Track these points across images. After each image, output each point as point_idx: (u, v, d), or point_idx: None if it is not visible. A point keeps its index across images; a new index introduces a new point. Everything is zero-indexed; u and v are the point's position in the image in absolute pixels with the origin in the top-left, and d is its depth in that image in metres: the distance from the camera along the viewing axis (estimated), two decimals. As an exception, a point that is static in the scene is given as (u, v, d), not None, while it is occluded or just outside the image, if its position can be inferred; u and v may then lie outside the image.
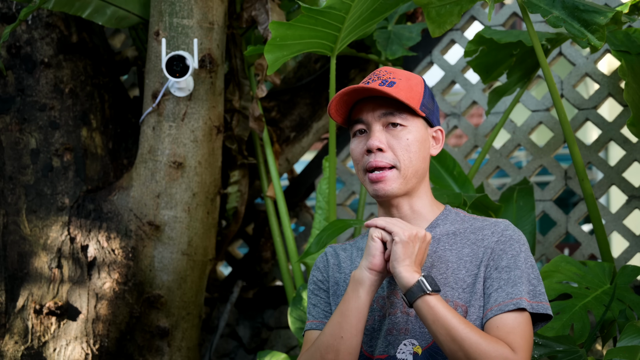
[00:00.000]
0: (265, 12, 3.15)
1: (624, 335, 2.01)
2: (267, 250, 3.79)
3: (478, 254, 1.80)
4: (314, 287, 1.96)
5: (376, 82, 1.82)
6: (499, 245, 1.80)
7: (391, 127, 1.83)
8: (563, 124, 2.66)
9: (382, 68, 1.89)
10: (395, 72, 1.85)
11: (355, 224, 2.63)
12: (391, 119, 1.82)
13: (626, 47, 2.82)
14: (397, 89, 1.80)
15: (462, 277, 1.79)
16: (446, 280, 1.79)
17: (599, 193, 3.32)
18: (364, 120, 1.85)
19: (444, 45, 3.68)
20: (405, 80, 1.84)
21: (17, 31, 3.09)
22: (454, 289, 1.79)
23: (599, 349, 3.01)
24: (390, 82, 1.82)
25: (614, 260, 3.05)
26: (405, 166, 1.82)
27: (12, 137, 3.05)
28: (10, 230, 2.99)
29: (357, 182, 3.71)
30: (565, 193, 7.63)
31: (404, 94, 1.81)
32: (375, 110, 1.83)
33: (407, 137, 1.82)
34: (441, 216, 1.88)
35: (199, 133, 3.01)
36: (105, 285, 2.92)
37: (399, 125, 1.82)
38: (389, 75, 1.84)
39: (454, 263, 1.81)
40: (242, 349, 3.78)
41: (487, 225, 1.85)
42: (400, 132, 1.82)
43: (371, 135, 1.82)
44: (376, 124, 1.83)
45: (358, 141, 1.86)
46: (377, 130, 1.82)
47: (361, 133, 1.86)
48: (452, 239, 1.84)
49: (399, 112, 1.82)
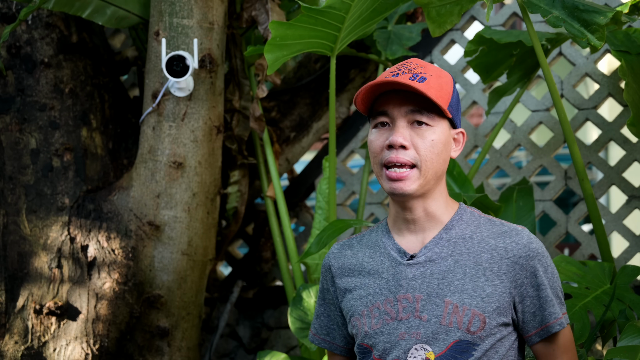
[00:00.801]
0: (265, 12, 3.15)
1: (624, 335, 2.01)
2: (267, 250, 3.79)
3: (502, 266, 1.75)
4: (320, 295, 1.94)
5: (406, 75, 1.74)
6: (528, 262, 1.76)
7: (416, 124, 1.75)
8: (563, 124, 2.66)
9: (413, 60, 1.80)
10: (426, 67, 1.78)
11: (355, 224, 2.63)
12: (418, 117, 1.75)
13: (626, 47, 2.82)
14: (427, 86, 1.73)
15: (480, 285, 1.74)
16: (464, 287, 1.74)
17: (599, 193, 3.32)
18: (389, 114, 1.76)
19: (444, 45, 3.68)
20: (435, 77, 1.77)
21: (17, 31, 3.09)
22: (473, 297, 1.73)
23: (599, 349, 3.01)
24: (421, 77, 1.74)
25: (614, 260, 3.05)
26: (427, 167, 1.75)
27: (12, 137, 3.05)
28: (10, 230, 2.99)
29: (357, 182, 3.71)
30: (565, 193, 7.62)
31: (434, 92, 1.73)
32: (403, 105, 1.75)
33: (432, 138, 1.75)
34: (456, 216, 1.82)
35: (199, 133, 3.01)
36: (105, 285, 2.92)
37: (424, 124, 1.75)
38: (420, 70, 1.77)
39: (471, 269, 1.76)
40: (242, 349, 3.78)
41: (507, 233, 1.79)
42: (426, 131, 1.75)
43: (395, 131, 1.74)
44: (401, 120, 1.75)
45: (379, 134, 1.78)
46: (402, 127, 1.75)
47: (383, 125, 1.78)
48: (469, 242, 1.79)
49: (427, 111, 1.75)
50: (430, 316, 1.73)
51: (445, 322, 1.73)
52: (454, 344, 1.72)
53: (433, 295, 1.75)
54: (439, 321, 1.73)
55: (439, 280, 1.76)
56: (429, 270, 1.77)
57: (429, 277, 1.76)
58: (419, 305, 1.75)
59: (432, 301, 1.75)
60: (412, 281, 1.77)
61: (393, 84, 1.74)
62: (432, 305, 1.74)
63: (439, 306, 1.74)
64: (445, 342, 1.72)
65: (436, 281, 1.76)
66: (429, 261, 1.78)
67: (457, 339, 1.72)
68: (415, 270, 1.78)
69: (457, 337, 1.72)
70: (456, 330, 1.72)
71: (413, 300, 1.76)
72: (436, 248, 1.79)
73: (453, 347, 1.72)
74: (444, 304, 1.73)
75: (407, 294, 1.77)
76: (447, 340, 1.72)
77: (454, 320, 1.73)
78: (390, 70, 1.78)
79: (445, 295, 1.74)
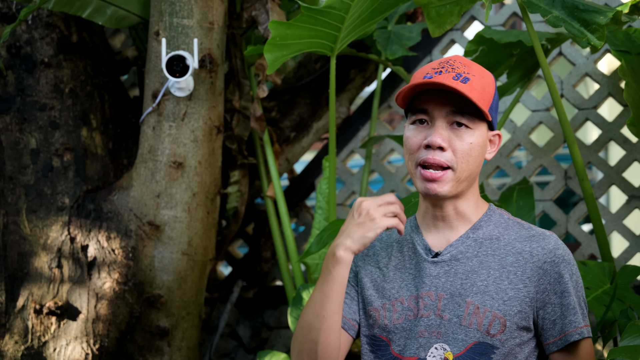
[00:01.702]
0: (265, 12, 3.15)
1: (625, 335, 2.01)
2: (267, 250, 3.79)
3: (526, 270, 1.74)
4: None
5: (450, 74, 1.72)
6: (553, 268, 1.75)
7: (455, 125, 1.73)
8: (563, 124, 2.66)
9: (456, 57, 1.77)
10: (470, 66, 1.76)
11: (355, 224, 2.62)
12: (458, 119, 1.73)
13: (626, 47, 2.82)
14: (470, 87, 1.71)
15: (503, 288, 1.73)
16: (486, 288, 1.73)
17: (599, 193, 3.32)
18: (429, 112, 1.74)
19: (444, 45, 3.67)
20: (479, 77, 1.74)
21: (17, 31, 3.09)
22: (495, 299, 1.72)
23: (599, 349, 3.01)
24: (465, 77, 1.72)
25: (614, 260, 3.05)
26: (462, 169, 1.74)
27: (12, 137, 3.05)
28: (10, 230, 2.99)
29: (357, 182, 3.71)
30: (565, 193, 7.62)
31: (477, 94, 1.71)
32: (444, 105, 1.73)
33: (470, 141, 1.73)
34: (484, 217, 1.81)
35: (199, 133, 3.01)
36: (105, 285, 2.92)
37: (464, 126, 1.73)
38: (463, 69, 1.74)
39: (496, 271, 1.75)
40: (242, 349, 3.78)
41: (535, 237, 1.78)
42: (465, 133, 1.73)
43: (434, 131, 1.72)
44: (441, 120, 1.73)
45: (417, 131, 1.76)
46: (442, 127, 1.73)
47: (421, 123, 1.76)
48: (495, 244, 1.78)
49: (468, 113, 1.73)
50: (452, 316, 1.72)
51: (466, 322, 1.72)
52: (472, 346, 1.71)
53: (455, 295, 1.74)
54: (460, 321, 1.72)
55: (462, 280, 1.75)
56: (453, 269, 1.76)
57: (452, 276, 1.76)
58: (441, 304, 1.74)
59: (454, 300, 1.73)
60: (435, 279, 1.76)
61: (436, 84, 1.71)
62: (454, 305, 1.73)
63: (460, 306, 1.72)
64: (465, 342, 1.71)
65: (459, 281, 1.75)
66: (454, 260, 1.77)
67: (476, 340, 1.71)
68: (439, 268, 1.77)
69: (476, 338, 1.71)
70: (476, 332, 1.71)
71: (435, 299, 1.75)
72: (462, 247, 1.78)
73: (472, 349, 1.71)
74: (465, 304, 1.72)
75: (429, 291, 1.76)
76: (466, 341, 1.71)
77: (474, 321, 1.72)
78: (433, 67, 1.76)
79: (467, 296, 1.73)
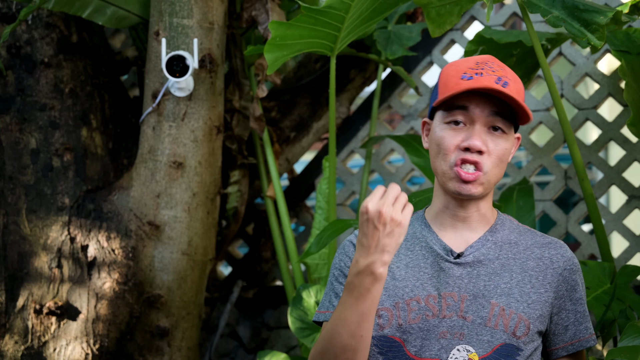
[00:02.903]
0: (265, 12, 3.15)
1: (624, 335, 2.01)
2: (267, 250, 3.79)
3: (547, 275, 1.77)
4: (338, 273, 1.82)
5: (492, 77, 1.70)
6: (571, 275, 1.79)
7: (492, 129, 1.73)
8: (563, 124, 2.66)
9: (491, 58, 1.76)
10: (504, 69, 1.74)
11: (355, 224, 2.63)
12: (496, 123, 1.72)
13: (626, 47, 2.82)
14: (509, 91, 1.69)
15: (527, 292, 1.74)
16: (510, 291, 1.74)
17: (599, 193, 3.32)
18: (470, 114, 1.72)
19: (444, 45, 3.67)
20: (514, 81, 1.73)
21: (17, 31, 3.09)
22: (519, 302, 1.73)
23: (599, 349, 3.01)
24: (505, 81, 1.70)
25: (614, 260, 3.05)
26: (493, 174, 1.74)
27: (12, 137, 3.05)
28: (10, 230, 2.99)
29: (357, 182, 3.71)
30: (565, 193, 7.62)
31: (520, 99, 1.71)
32: (486, 108, 1.72)
33: (504, 146, 1.73)
34: (498, 221, 1.82)
35: (199, 133, 3.01)
36: (105, 285, 2.92)
37: (500, 130, 1.73)
38: (501, 72, 1.72)
39: (518, 274, 1.76)
40: (242, 349, 3.78)
41: (552, 244, 1.81)
42: (500, 138, 1.73)
43: (474, 133, 1.71)
44: (481, 123, 1.72)
45: (453, 133, 1.73)
46: (481, 131, 1.72)
47: (456, 124, 1.73)
48: (515, 249, 1.79)
49: (506, 118, 1.72)
50: (475, 317, 1.72)
51: (491, 324, 1.71)
52: (499, 347, 1.71)
53: (479, 296, 1.73)
54: (484, 322, 1.72)
55: (485, 282, 1.75)
56: (476, 271, 1.76)
57: (475, 277, 1.75)
58: (464, 306, 1.73)
59: (477, 302, 1.73)
60: (458, 280, 1.76)
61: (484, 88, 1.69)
62: (477, 306, 1.73)
63: (484, 307, 1.72)
64: (491, 344, 1.71)
65: (483, 282, 1.75)
66: (477, 262, 1.77)
67: (502, 342, 1.71)
68: (462, 269, 1.77)
69: (502, 340, 1.71)
70: (502, 333, 1.71)
71: (458, 300, 1.74)
72: (483, 249, 1.78)
73: (498, 350, 1.71)
74: (490, 306, 1.72)
75: (452, 292, 1.75)
76: (492, 342, 1.71)
77: (500, 322, 1.72)
78: (470, 67, 1.74)
79: (491, 297, 1.73)
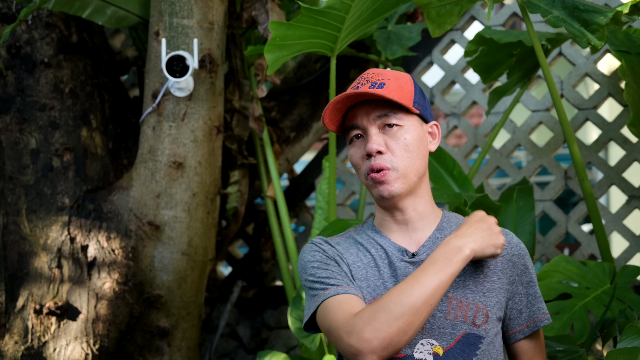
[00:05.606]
0: (265, 12, 3.15)
1: (624, 336, 2.01)
2: (267, 250, 3.79)
3: (497, 263, 1.82)
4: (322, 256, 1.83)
5: (366, 86, 1.80)
6: (520, 260, 1.85)
7: (387, 128, 1.81)
8: (563, 124, 2.66)
9: (370, 70, 1.87)
10: (383, 73, 1.84)
11: (355, 224, 2.63)
12: (387, 120, 1.80)
13: (626, 47, 2.82)
14: (388, 90, 1.79)
15: (480, 281, 1.80)
16: (465, 282, 1.79)
17: (599, 193, 3.32)
18: (359, 125, 1.82)
19: (444, 45, 3.68)
20: (394, 80, 1.82)
21: (17, 31, 3.09)
22: (475, 292, 1.79)
23: (599, 349, 3.01)
24: (380, 83, 1.80)
25: (614, 260, 3.05)
26: (405, 166, 1.80)
27: (12, 137, 3.05)
28: (10, 230, 2.99)
29: (357, 182, 3.71)
30: (565, 193, 7.63)
31: (395, 94, 1.79)
32: (370, 113, 1.81)
33: (404, 137, 1.80)
34: (444, 219, 1.88)
35: (199, 133, 3.01)
36: (105, 285, 2.92)
37: (395, 125, 1.80)
38: (377, 77, 1.83)
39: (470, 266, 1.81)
40: (242, 349, 3.78)
41: None
42: (397, 132, 1.80)
43: (369, 139, 1.80)
44: (372, 127, 1.81)
45: (356, 147, 1.84)
46: (374, 134, 1.80)
47: (357, 138, 1.83)
48: None
49: (394, 113, 1.81)
50: (435, 311, 1.76)
51: (451, 316, 1.77)
52: (462, 337, 1.76)
53: None
54: (444, 316, 1.77)
55: None
56: None
57: None
58: None
59: None
60: None
61: (354, 97, 1.80)
62: None
63: (443, 302, 1.77)
64: (453, 335, 1.76)
65: None
66: None
67: (464, 332, 1.76)
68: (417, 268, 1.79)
69: (464, 330, 1.76)
70: (462, 324, 1.76)
71: None
72: (434, 247, 1.83)
73: (461, 340, 1.76)
74: (447, 300, 1.77)
75: None
76: (454, 334, 1.76)
77: (459, 314, 1.77)
78: (352, 86, 1.85)
79: (448, 292, 1.78)
